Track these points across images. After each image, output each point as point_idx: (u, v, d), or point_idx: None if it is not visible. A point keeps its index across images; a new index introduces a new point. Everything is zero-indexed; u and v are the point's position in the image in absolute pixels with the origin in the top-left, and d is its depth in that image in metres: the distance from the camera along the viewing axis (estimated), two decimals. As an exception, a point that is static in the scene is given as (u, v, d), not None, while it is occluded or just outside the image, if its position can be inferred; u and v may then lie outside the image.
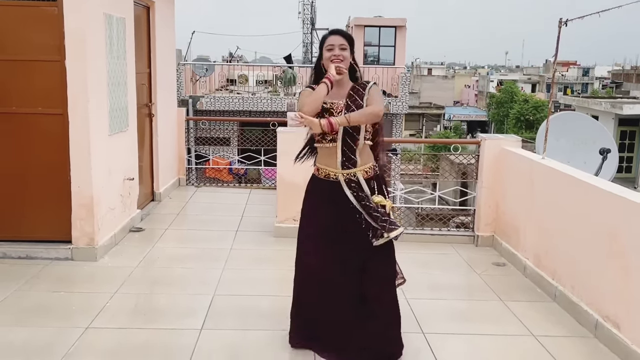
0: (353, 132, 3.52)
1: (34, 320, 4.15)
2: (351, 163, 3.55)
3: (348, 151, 3.54)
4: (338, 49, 3.52)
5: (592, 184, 4.43)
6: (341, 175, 3.55)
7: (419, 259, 5.87)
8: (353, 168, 3.55)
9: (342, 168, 3.55)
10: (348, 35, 3.60)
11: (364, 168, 3.57)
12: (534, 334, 4.17)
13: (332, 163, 3.57)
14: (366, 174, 3.58)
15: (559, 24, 5.24)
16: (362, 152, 3.57)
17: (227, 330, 4.08)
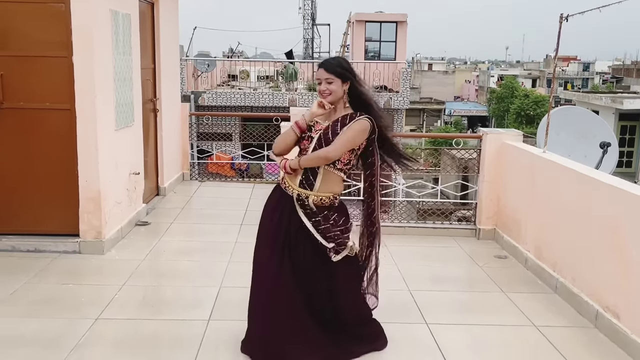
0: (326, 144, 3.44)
1: (44, 312, 4.23)
2: (307, 184, 3.48)
3: (310, 173, 3.48)
4: (324, 84, 3.45)
5: (592, 177, 4.49)
6: (295, 193, 3.49)
7: (421, 252, 5.94)
8: (308, 190, 3.48)
9: (298, 185, 3.49)
10: (334, 67, 3.46)
11: (319, 194, 3.47)
12: (535, 324, 4.24)
13: (293, 177, 3.52)
14: (320, 202, 3.47)
15: (559, 19, 5.30)
16: (325, 179, 3.47)
17: (234, 321, 4.14)
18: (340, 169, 3.50)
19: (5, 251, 5.36)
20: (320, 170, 3.46)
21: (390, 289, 4.84)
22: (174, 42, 8.56)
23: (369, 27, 22.35)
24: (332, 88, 3.45)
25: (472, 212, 6.70)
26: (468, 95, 72.53)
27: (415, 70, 62.68)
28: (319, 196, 3.47)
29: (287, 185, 3.54)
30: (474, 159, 7.86)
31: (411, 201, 7.28)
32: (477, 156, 6.42)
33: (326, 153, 3.40)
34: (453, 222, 6.84)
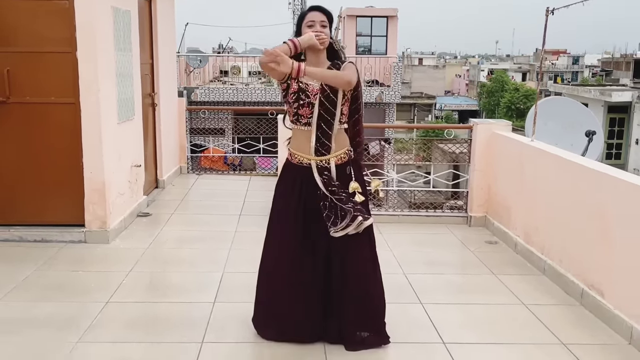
0: (328, 116, 3.42)
1: (56, 296, 4.43)
2: (325, 149, 3.46)
3: (322, 136, 3.45)
4: (319, 25, 3.37)
5: (578, 163, 4.74)
6: (314, 162, 3.46)
7: (415, 239, 6.18)
8: (326, 155, 3.47)
9: (315, 154, 3.46)
10: (328, 12, 3.44)
11: (338, 154, 3.49)
12: (524, 303, 4.49)
13: (305, 149, 3.48)
14: (340, 160, 3.50)
15: (545, 13, 5.54)
16: (337, 138, 3.48)
17: (238, 303, 4.35)
18: (345, 122, 3.52)
19: (14, 241, 5.55)
20: (333, 131, 3.43)
21: (386, 273, 5.03)
22: (170, 38, 8.75)
23: (359, 21, 22.57)
24: (326, 32, 3.39)
25: (463, 202, 6.94)
26: (459, 90, 72.93)
27: (405, 65, 62.90)
28: (338, 156, 3.48)
29: (300, 159, 3.51)
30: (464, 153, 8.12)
31: (403, 192, 7.51)
32: (467, 146, 6.66)
33: (344, 74, 3.31)
34: (445, 210, 7.07)
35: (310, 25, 3.38)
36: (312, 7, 3.46)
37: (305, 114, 3.44)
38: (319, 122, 3.42)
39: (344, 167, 3.51)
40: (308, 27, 3.38)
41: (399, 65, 21.25)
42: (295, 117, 3.50)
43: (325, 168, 3.47)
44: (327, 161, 3.47)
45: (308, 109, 3.41)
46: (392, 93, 20.08)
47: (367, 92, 19.75)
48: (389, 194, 8.04)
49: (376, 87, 20.20)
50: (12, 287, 4.54)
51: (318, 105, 3.38)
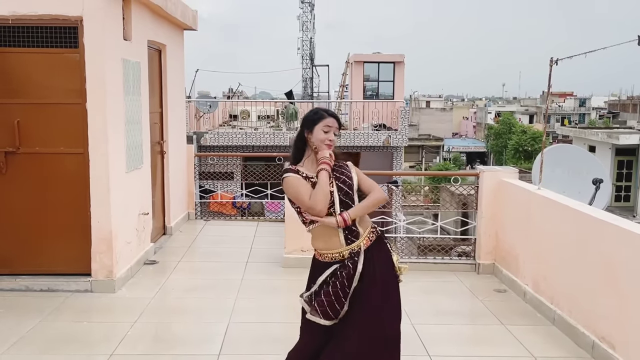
0: (348, 200, 3.22)
1: (60, 349, 4.39)
2: (354, 236, 3.21)
3: (349, 228, 3.20)
4: (332, 134, 3.24)
5: (586, 213, 4.70)
6: (347, 252, 3.20)
7: (423, 286, 6.10)
8: (356, 240, 3.21)
9: (346, 245, 3.20)
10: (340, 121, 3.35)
11: (367, 235, 3.25)
12: (534, 355, 4.40)
13: (334, 244, 3.22)
14: (369, 241, 3.24)
15: (550, 63, 5.58)
16: (360, 220, 3.26)
17: (243, 355, 4.30)
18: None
19: (20, 291, 5.54)
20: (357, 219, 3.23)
21: (393, 323, 5.00)
22: (180, 86, 8.87)
23: (367, 67, 22.81)
24: (335, 141, 3.28)
25: (471, 247, 6.89)
26: (466, 132, 73.18)
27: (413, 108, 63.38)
28: (367, 237, 3.24)
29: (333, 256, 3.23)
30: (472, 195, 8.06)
31: (412, 237, 7.46)
32: (475, 193, 6.63)
33: (381, 194, 3.28)
34: (453, 257, 7.01)
35: (326, 131, 3.24)
36: (329, 112, 3.33)
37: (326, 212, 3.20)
38: (341, 209, 3.20)
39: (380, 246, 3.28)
40: (324, 132, 3.23)
41: (406, 110, 21.37)
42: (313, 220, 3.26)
43: (356, 255, 3.19)
44: (358, 246, 3.21)
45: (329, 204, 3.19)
46: (399, 137, 20.15)
47: (375, 136, 19.85)
48: (397, 240, 7.99)
49: (383, 131, 20.28)
50: (17, 339, 4.50)
51: (337, 191, 3.21)
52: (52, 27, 5.44)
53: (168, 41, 7.93)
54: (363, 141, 19.59)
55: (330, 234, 3.20)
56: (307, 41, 39.88)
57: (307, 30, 40.67)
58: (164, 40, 7.76)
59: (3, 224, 5.61)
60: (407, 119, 20.71)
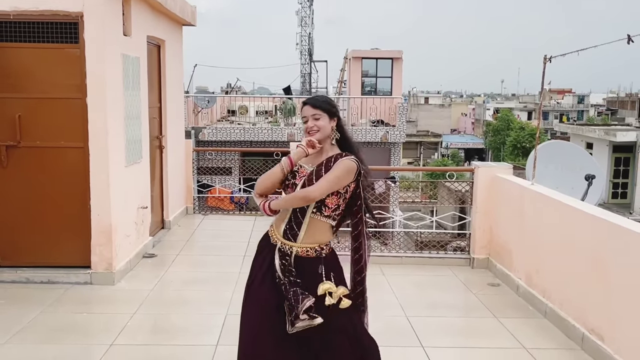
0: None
1: (61, 339, 4.48)
2: (292, 234, 3.12)
3: (294, 221, 3.12)
4: (311, 120, 3.17)
5: (577, 208, 4.80)
6: (279, 243, 3.14)
7: (417, 280, 6.21)
8: (292, 241, 3.11)
9: (282, 236, 3.14)
10: (320, 103, 3.21)
11: (304, 245, 3.10)
12: (526, 347, 4.50)
13: (279, 228, 3.17)
14: (305, 253, 3.09)
15: (543, 60, 5.67)
16: (311, 228, 3.10)
17: (240, 346, 4.40)
18: (328, 215, 3.12)
19: (21, 283, 5.63)
20: (305, 219, 3.10)
21: (388, 315, 5.11)
22: (178, 81, 8.94)
23: (365, 63, 22.89)
24: (320, 124, 3.16)
25: (466, 243, 6.99)
26: (464, 128, 73.18)
27: (411, 104, 63.41)
28: (303, 247, 3.10)
29: (273, 234, 3.21)
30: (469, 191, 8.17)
31: (409, 233, 7.57)
32: (470, 189, 6.73)
33: (306, 192, 3.05)
34: (449, 252, 7.11)
35: (304, 121, 3.22)
36: (304, 102, 3.27)
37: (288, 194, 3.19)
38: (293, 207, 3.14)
39: (312, 262, 3.11)
40: (304, 123, 3.23)
41: (404, 106, 21.46)
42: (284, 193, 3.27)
43: (286, 254, 3.12)
44: (290, 247, 3.12)
45: (291, 189, 3.16)
46: (397, 133, 20.24)
47: (373, 132, 19.95)
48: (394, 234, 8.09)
49: (381, 127, 20.38)
50: (19, 329, 4.60)
51: (300, 186, 3.12)
52: (53, 22, 5.52)
53: (167, 37, 8.01)
54: (361, 137, 19.65)
55: (281, 218, 3.16)
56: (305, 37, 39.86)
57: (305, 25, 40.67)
58: (163, 36, 7.84)
59: (4, 217, 5.71)
60: (405, 115, 20.80)
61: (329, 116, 3.18)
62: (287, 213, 3.14)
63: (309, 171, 3.14)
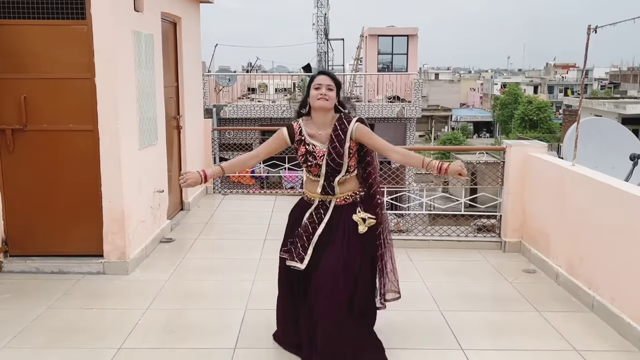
0: (334, 172, 3.40)
1: (65, 341, 3.82)
2: (330, 190, 3.43)
3: (327, 186, 3.43)
4: (325, 89, 3.36)
5: (628, 192, 4.01)
6: (317, 199, 3.46)
7: (447, 266, 5.47)
8: (330, 195, 3.44)
9: (320, 194, 3.45)
10: (335, 78, 3.44)
11: (342, 196, 3.44)
12: (577, 349, 3.76)
13: (313, 190, 3.48)
14: (343, 200, 3.44)
15: (587, 31, 4.84)
16: (342, 184, 3.43)
17: (260, 349, 3.73)
18: (354, 170, 3.47)
19: (30, 273, 5.00)
20: (336, 182, 3.40)
21: (421, 309, 4.40)
22: (196, 60, 8.18)
23: (381, 40, 21.90)
24: (331, 95, 3.37)
25: (491, 221, 6.23)
26: (473, 102, 71.86)
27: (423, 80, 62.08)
28: (341, 197, 3.44)
29: (310, 196, 3.50)
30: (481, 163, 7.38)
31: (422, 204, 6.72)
32: (500, 168, 5.94)
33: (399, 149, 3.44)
34: (477, 235, 6.36)
35: (317, 87, 3.37)
36: (320, 71, 3.47)
37: (314, 172, 3.45)
38: (326, 175, 3.42)
39: (350, 207, 3.43)
40: (315, 89, 3.38)
41: (419, 82, 20.47)
42: (306, 170, 3.52)
43: (324, 206, 3.45)
44: (329, 200, 3.44)
45: (316, 168, 3.42)
46: (412, 108, 19.35)
47: (389, 108, 19.08)
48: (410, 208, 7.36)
49: (397, 103, 19.49)
50: (21, 330, 3.95)
51: (325, 166, 3.38)
52: (58, -3, 4.78)
53: (183, 14, 7.23)
54: (377, 113, 18.86)
55: (314, 184, 3.47)
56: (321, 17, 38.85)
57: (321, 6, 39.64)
58: (179, 13, 7.07)
59: (12, 205, 5.05)
60: (420, 91, 19.87)
61: (336, 90, 3.41)
62: (320, 180, 3.41)
63: (325, 150, 3.37)
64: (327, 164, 3.36)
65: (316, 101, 3.35)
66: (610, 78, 65.07)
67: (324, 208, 3.43)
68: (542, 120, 48.90)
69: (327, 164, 3.36)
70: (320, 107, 3.36)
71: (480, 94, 72.36)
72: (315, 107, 3.38)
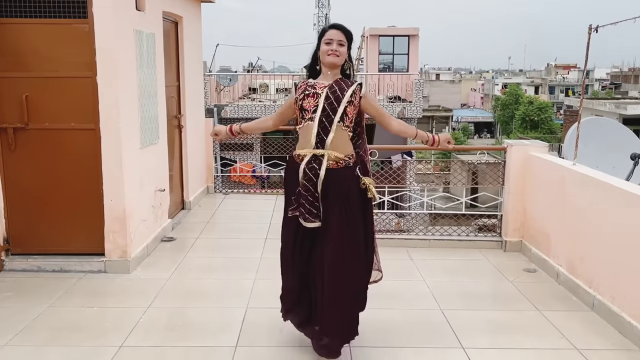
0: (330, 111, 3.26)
1: (67, 340, 3.82)
2: (321, 143, 3.27)
3: (322, 132, 3.27)
4: (336, 44, 3.27)
5: (630, 192, 4.02)
6: (309, 154, 3.28)
7: (448, 266, 5.48)
8: (322, 149, 3.27)
9: (314, 146, 3.28)
10: (348, 31, 3.32)
11: (336, 155, 3.27)
12: (577, 348, 3.77)
13: (306, 144, 3.30)
14: (337, 164, 3.27)
15: (588, 30, 4.84)
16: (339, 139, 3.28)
17: (262, 347, 3.74)
18: (348, 125, 3.33)
19: (31, 271, 5.00)
20: (332, 127, 3.26)
21: (422, 308, 4.41)
22: (197, 59, 8.18)
23: (382, 40, 21.91)
24: (342, 50, 3.29)
25: (492, 220, 6.23)
26: (474, 103, 71.83)
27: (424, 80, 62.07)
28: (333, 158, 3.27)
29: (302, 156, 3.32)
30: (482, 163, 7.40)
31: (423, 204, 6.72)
32: (502, 168, 5.94)
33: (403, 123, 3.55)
34: (478, 234, 6.37)
35: (328, 42, 3.28)
36: (332, 25, 3.35)
37: (310, 107, 3.28)
38: (321, 116, 3.26)
39: (345, 171, 3.30)
40: (326, 44, 3.28)
41: (420, 82, 20.48)
42: (300, 114, 3.36)
43: (317, 160, 3.27)
44: (321, 155, 3.27)
45: (313, 99, 3.28)
46: (414, 108, 19.36)
47: (390, 108, 19.06)
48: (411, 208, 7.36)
49: (398, 103, 19.50)
50: (23, 328, 3.96)
51: (324, 98, 3.26)
52: (59, -4, 4.79)
53: (185, 13, 7.24)
54: (378, 113, 18.84)
55: (307, 134, 3.29)
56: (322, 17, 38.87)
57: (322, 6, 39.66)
58: (181, 12, 7.07)
59: (14, 203, 5.05)
60: (421, 91, 19.88)
61: (347, 46, 3.31)
62: (312, 127, 3.25)
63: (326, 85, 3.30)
64: (327, 96, 3.25)
65: (326, 57, 3.26)
66: (611, 79, 65.04)
67: (317, 162, 3.26)
68: (543, 121, 48.88)
69: (326, 96, 3.25)
70: (330, 63, 3.27)
71: (481, 95, 72.33)
72: (324, 62, 3.30)
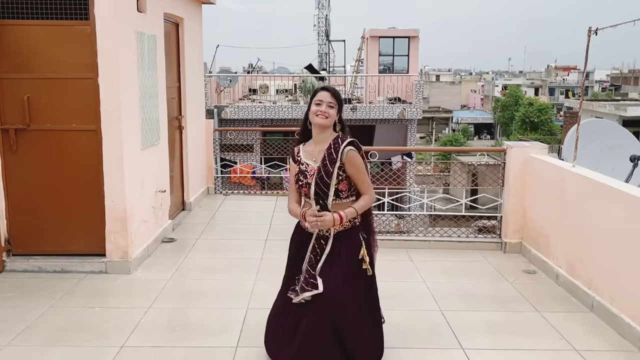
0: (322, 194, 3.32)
1: (69, 339, 3.84)
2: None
3: (323, 209, 3.33)
4: (325, 106, 3.32)
5: (629, 193, 4.04)
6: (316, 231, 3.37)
7: (448, 267, 5.50)
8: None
9: None
10: (338, 95, 3.39)
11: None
12: (577, 349, 3.79)
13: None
14: (343, 227, 3.35)
15: (588, 33, 4.87)
16: (338, 207, 3.32)
17: (262, 348, 3.74)
18: (346, 197, 3.37)
19: (32, 272, 5.02)
20: (329, 206, 3.32)
21: (422, 309, 4.43)
22: (198, 61, 8.21)
23: (382, 42, 21.91)
24: (331, 113, 3.33)
25: (491, 222, 6.25)
26: (474, 104, 71.88)
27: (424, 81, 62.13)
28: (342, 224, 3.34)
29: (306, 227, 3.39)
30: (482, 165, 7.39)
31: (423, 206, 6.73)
32: (501, 170, 5.96)
33: (369, 199, 3.39)
34: (477, 235, 6.39)
35: (317, 103, 3.33)
36: (323, 87, 3.42)
37: (306, 192, 3.39)
38: (316, 198, 3.34)
39: (352, 232, 3.37)
40: (316, 105, 3.33)
41: (420, 83, 20.49)
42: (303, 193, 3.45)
43: (324, 237, 3.36)
44: (327, 230, 3.34)
45: (306, 188, 3.36)
46: (413, 110, 19.36)
47: (390, 110, 19.08)
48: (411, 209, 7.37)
49: (398, 104, 19.50)
50: (24, 328, 3.98)
51: (314, 185, 3.32)
52: (62, -3, 4.81)
53: (185, 15, 7.27)
54: (378, 114, 18.87)
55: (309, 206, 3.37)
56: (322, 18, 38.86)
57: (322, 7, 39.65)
58: (182, 14, 7.10)
59: (15, 204, 5.07)
60: (421, 93, 19.89)
61: (338, 108, 3.36)
62: (313, 203, 3.33)
63: (316, 169, 3.32)
64: (316, 182, 3.30)
65: (315, 117, 3.32)
66: (611, 80, 65.06)
67: (324, 239, 3.35)
68: (543, 122, 48.91)
69: (315, 182, 3.30)
70: (319, 124, 3.32)
71: (481, 96, 72.37)
72: (313, 123, 3.35)
